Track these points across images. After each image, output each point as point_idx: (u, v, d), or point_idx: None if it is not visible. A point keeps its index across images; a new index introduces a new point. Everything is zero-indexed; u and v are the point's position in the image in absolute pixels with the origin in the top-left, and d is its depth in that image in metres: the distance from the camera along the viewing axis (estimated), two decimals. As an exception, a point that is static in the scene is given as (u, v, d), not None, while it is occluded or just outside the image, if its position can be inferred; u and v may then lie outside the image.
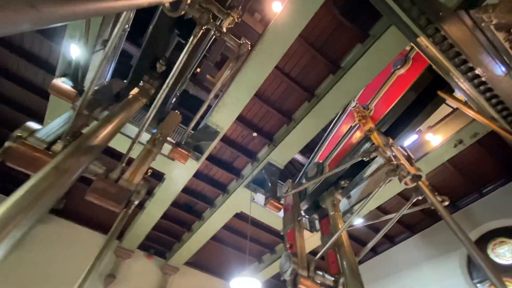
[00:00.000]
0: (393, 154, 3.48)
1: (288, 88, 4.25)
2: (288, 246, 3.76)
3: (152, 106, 2.51)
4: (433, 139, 4.63)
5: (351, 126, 4.55)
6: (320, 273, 3.43)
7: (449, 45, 3.14)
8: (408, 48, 3.93)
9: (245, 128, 4.67)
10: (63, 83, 2.98)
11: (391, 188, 5.12)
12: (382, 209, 6.28)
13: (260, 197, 5.09)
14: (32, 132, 1.91)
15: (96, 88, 2.62)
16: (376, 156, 3.33)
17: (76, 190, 5.51)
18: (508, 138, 3.27)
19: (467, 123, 4.18)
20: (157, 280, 7.03)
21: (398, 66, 4.24)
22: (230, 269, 7.78)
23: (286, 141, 4.61)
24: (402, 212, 3.97)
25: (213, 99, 4.22)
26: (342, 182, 4.51)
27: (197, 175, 5.52)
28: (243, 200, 5.29)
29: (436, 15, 2.79)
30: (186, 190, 5.83)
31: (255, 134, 4.60)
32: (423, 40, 3.25)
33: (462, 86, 3.66)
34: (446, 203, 3.56)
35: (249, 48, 2.84)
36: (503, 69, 2.86)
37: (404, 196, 6.00)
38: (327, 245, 3.74)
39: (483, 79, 3.31)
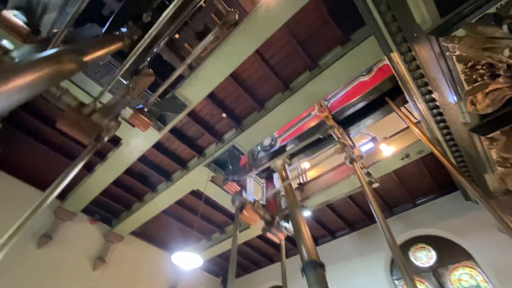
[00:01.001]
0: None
1: (265, 76, 4.23)
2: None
3: (134, 51, 2.33)
4: (386, 149, 5.04)
5: (310, 113, 4.84)
6: (263, 209, 3.88)
7: (416, 66, 3.40)
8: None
9: (215, 107, 4.58)
10: (15, 17, 2.59)
11: (340, 189, 5.50)
12: (330, 206, 6.75)
13: (219, 178, 5.11)
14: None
15: (65, 33, 2.33)
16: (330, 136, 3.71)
17: (19, 140, 4.95)
18: (442, 160, 3.69)
19: (415, 141, 4.62)
20: (98, 246, 6.77)
21: (364, 73, 4.53)
22: (177, 243, 7.81)
23: (255, 127, 4.65)
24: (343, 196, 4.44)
25: (187, 70, 4.04)
26: (289, 148, 4.94)
27: (157, 146, 5.31)
28: (201, 178, 5.26)
29: (411, 35, 2.97)
30: (143, 159, 5.59)
31: (224, 115, 4.54)
32: (396, 56, 3.46)
33: (419, 106, 4.02)
34: (375, 185, 4.12)
35: (236, 17, 2.78)
36: (455, 98, 3.18)
37: (352, 198, 6.51)
38: (272, 191, 4.25)
39: (437, 103, 3.67)
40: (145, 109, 3.76)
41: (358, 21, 3.41)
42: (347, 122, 4.96)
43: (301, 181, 6.77)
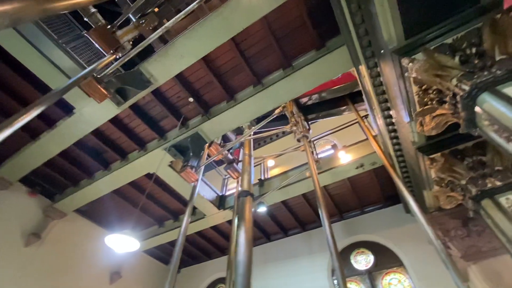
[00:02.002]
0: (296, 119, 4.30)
1: (239, 66, 4.16)
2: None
3: None
4: (344, 157, 5.30)
5: None
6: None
7: (380, 83, 3.59)
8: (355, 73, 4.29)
9: (183, 90, 4.39)
10: None
11: (297, 189, 5.67)
12: (286, 204, 6.94)
13: (178, 164, 4.94)
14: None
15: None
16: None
17: None
18: (391, 173, 3.96)
19: (371, 152, 4.91)
20: (34, 221, 6.19)
21: None
22: (126, 227, 7.44)
23: (222, 117, 4.56)
24: (280, 153, 4.66)
25: (157, 44, 3.82)
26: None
27: (115, 121, 4.97)
28: (158, 161, 5.05)
29: (379, 52, 3.11)
30: (98, 133, 5.20)
31: (191, 99, 4.38)
32: (363, 69, 3.61)
33: (378, 121, 4.27)
34: (319, 162, 4.51)
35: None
36: (408, 117, 3.41)
37: (306, 197, 6.76)
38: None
39: (393, 120, 3.92)
40: (104, 80, 3.48)
41: (334, 29, 3.48)
42: (308, 109, 5.64)
43: (263, 177, 6.86)
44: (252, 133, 5.58)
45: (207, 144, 4.92)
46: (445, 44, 2.46)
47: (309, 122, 6.14)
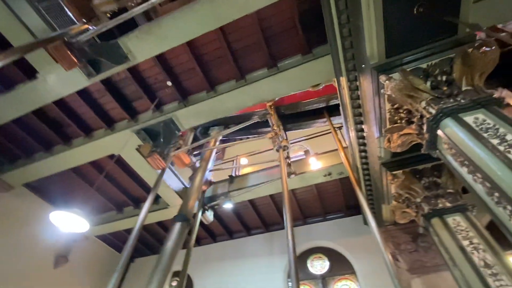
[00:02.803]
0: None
1: (224, 58, 4.07)
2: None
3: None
4: (314, 163, 5.43)
5: None
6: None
7: (357, 96, 3.71)
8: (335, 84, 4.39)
9: (163, 72, 4.20)
10: None
11: (266, 190, 5.70)
12: (253, 204, 6.96)
13: (146, 149, 4.72)
14: None
15: None
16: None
17: None
18: (355, 185, 4.11)
19: (339, 163, 5.09)
20: (-27, 191, 5.56)
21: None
22: (82, 209, 6.96)
23: (199, 106, 4.44)
24: (256, 163, 4.66)
25: (141, 20, 3.62)
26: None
27: (84, 94, 4.63)
28: (126, 143, 4.79)
29: (360, 66, 3.22)
30: (62, 105, 4.80)
31: (170, 83, 4.21)
32: (344, 81, 3.71)
33: (350, 133, 4.42)
34: (293, 176, 4.56)
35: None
36: (378, 133, 3.58)
37: (273, 198, 6.83)
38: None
39: (364, 134, 4.09)
40: (76, 46, 3.22)
41: (322, 38, 3.55)
42: (287, 118, 5.66)
43: (233, 174, 6.81)
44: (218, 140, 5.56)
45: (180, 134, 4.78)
46: (420, 68, 2.61)
47: (286, 132, 6.22)
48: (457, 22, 2.23)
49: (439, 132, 2.28)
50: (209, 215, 5.59)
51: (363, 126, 3.96)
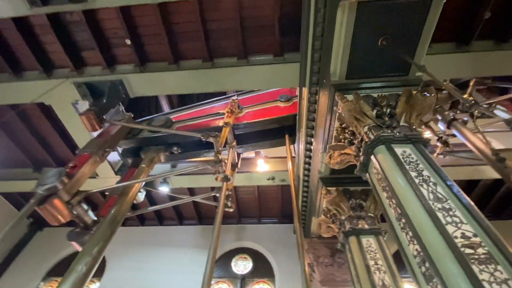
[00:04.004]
0: (227, 151, 3.91)
1: (196, 33, 3.86)
2: (71, 165, 3.24)
3: None
4: (262, 165, 5.48)
5: (218, 112, 4.76)
6: (86, 207, 3.10)
7: (314, 110, 3.85)
8: (297, 92, 4.47)
9: (124, 28, 3.79)
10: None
11: (208, 181, 5.57)
12: (192, 191, 6.74)
13: (83, 106, 4.20)
14: None
15: None
16: (210, 141, 3.50)
17: None
18: (293, 194, 4.21)
19: (284, 170, 5.23)
20: None
21: (282, 100, 4.88)
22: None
23: (156, 77, 4.13)
24: (194, 198, 4.40)
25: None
26: (175, 148, 4.50)
27: (22, 25, 3.93)
28: (62, 94, 4.20)
29: (322, 81, 3.34)
30: (-10, 28, 4.00)
31: (129, 42, 3.82)
32: (305, 92, 3.82)
33: (300, 145, 4.57)
34: (231, 210, 4.24)
35: None
36: (322, 149, 3.75)
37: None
38: (112, 186, 3.54)
39: (312, 147, 4.26)
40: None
41: (295, 45, 3.60)
42: (244, 138, 4.75)
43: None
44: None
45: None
46: (371, 96, 2.80)
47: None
48: (411, 62, 2.45)
49: (372, 157, 2.46)
50: (141, 195, 5.20)
51: (312, 140, 4.12)
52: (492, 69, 3.88)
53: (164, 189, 5.70)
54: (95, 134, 3.96)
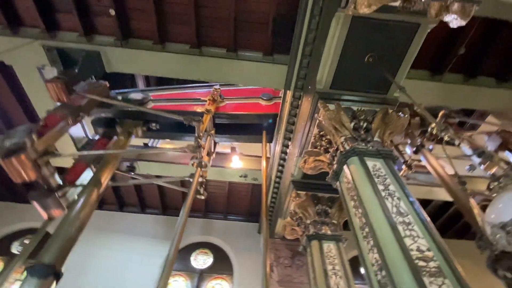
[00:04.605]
0: (204, 139, 3.87)
1: (187, 16, 3.70)
2: (41, 124, 3.02)
3: None
4: (236, 162, 5.45)
5: (199, 98, 4.69)
6: (52, 170, 2.93)
7: (295, 114, 3.91)
8: (281, 94, 4.50)
9: (110, -1, 3.54)
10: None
11: (178, 171, 5.41)
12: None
13: (50, 73, 3.84)
14: None
15: None
16: (193, 126, 3.46)
17: None
18: (263, 194, 4.24)
19: (258, 169, 5.25)
20: None
21: (264, 98, 4.90)
22: None
23: (138, 54, 3.91)
24: (165, 180, 4.31)
25: None
26: (154, 124, 4.49)
27: (-11, -30, 3.49)
28: (27, 55, 3.79)
29: (307, 87, 3.41)
30: None
31: (113, 12, 3.55)
32: (289, 95, 3.87)
33: (277, 147, 4.62)
34: (203, 197, 4.19)
35: None
36: (298, 153, 3.82)
37: (183, 182, 6.53)
38: (85, 153, 3.46)
39: (288, 150, 4.32)
40: None
41: (286, 47, 3.62)
42: (223, 129, 4.81)
43: (151, 143, 6.24)
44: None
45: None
46: (351, 109, 2.91)
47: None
48: (393, 81, 2.58)
49: (345, 166, 2.56)
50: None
51: (289, 143, 4.19)
52: (460, 101, 4.25)
53: (130, 174, 5.44)
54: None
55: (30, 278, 2.09)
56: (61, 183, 2.97)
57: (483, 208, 2.16)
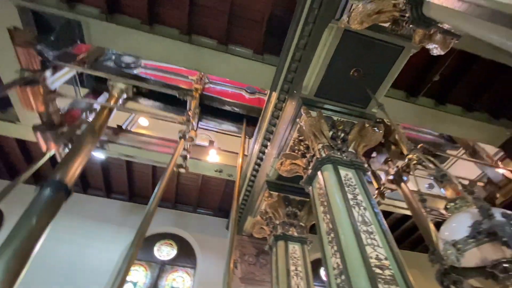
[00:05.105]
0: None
1: (181, 2, 3.59)
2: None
3: None
4: (212, 156, 5.40)
5: (186, 76, 4.90)
6: (56, 107, 3.51)
7: (278, 116, 3.96)
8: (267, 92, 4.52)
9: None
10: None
11: (150, 155, 5.25)
12: (130, 164, 6.25)
13: (22, 34, 3.51)
14: None
15: None
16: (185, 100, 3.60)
17: None
18: (236, 191, 4.24)
19: (234, 165, 5.24)
20: None
21: (248, 91, 4.96)
22: None
23: (123, 32, 3.70)
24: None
25: None
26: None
27: None
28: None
29: (292, 91, 3.47)
30: None
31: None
32: (274, 96, 3.91)
33: (256, 145, 4.63)
34: (183, 170, 4.18)
35: None
36: (276, 155, 3.88)
37: (154, 170, 6.35)
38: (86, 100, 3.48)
39: (266, 151, 4.36)
40: None
41: (277, 49, 3.65)
42: (208, 110, 5.20)
43: (125, 126, 5.97)
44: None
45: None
46: (331, 118, 3.01)
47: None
48: (373, 98, 2.71)
49: (319, 173, 2.65)
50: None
51: (269, 144, 4.23)
52: (429, 124, 4.56)
53: (98, 155, 5.17)
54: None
55: (44, 192, 2.56)
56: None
57: (436, 224, 2.36)
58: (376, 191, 4.20)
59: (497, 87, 4.21)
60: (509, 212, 1.16)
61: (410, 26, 1.80)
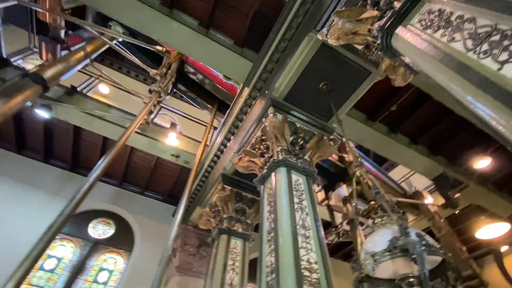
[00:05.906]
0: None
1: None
2: None
3: None
4: (172, 139, 5.20)
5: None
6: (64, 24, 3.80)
7: (245, 112, 3.95)
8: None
9: None
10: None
11: (104, 128, 4.88)
12: (78, 130, 5.71)
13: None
14: None
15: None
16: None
17: None
18: (190, 179, 4.16)
19: (193, 153, 5.12)
20: None
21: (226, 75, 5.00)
22: None
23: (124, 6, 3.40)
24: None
25: None
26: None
27: None
28: None
29: (264, 90, 3.49)
30: None
31: None
32: (246, 92, 3.90)
33: (218, 137, 4.56)
34: (152, 115, 4.00)
35: None
36: (236, 150, 3.87)
37: (104, 142, 5.90)
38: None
39: (228, 144, 4.33)
40: None
41: (258, 46, 3.64)
42: (184, 78, 5.43)
43: (81, 88, 5.46)
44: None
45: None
46: (294, 124, 3.10)
47: (174, 90, 5.79)
48: (335, 113, 2.85)
49: (273, 174, 2.71)
50: None
51: (232, 137, 4.21)
52: (381, 149, 4.95)
53: (42, 114, 4.63)
54: None
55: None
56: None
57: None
58: (333, 229, 4.46)
59: (440, 127, 4.76)
60: (423, 233, 1.31)
61: (379, 53, 1.94)
